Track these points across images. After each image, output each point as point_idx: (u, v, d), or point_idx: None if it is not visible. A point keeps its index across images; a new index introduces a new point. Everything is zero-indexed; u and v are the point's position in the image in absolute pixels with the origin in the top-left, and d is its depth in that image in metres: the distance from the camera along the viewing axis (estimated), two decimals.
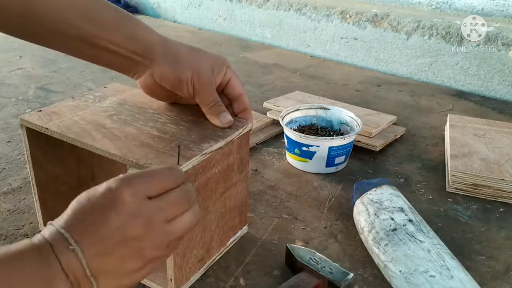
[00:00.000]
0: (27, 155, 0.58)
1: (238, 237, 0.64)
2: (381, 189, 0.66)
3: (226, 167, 0.55)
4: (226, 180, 0.56)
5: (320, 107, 0.92)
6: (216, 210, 0.56)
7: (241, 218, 0.63)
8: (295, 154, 0.83)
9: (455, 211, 0.73)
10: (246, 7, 1.82)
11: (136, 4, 2.31)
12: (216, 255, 0.60)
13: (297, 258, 0.55)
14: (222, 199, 0.57)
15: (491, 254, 0.63)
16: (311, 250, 0.58)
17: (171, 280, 0.53)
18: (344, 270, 0.54)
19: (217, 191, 0.55)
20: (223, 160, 0.54)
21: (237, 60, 1.52)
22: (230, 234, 0.62)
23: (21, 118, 0.56)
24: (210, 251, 0.58)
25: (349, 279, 0.53)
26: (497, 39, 1.25)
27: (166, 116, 0.58)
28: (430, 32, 1.36)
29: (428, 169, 0.86)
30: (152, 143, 0.51)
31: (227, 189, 0.57)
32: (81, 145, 0.51)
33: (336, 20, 1.56)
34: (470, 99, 1.26)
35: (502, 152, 0.83)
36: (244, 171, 0.60)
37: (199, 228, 0.54)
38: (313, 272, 0.53)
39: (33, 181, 0.59)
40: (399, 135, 0.97)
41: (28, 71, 1.31)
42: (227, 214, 0.59)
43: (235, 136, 0.55)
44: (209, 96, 0.55)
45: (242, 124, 0.56)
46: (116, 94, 0.64)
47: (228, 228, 0.60)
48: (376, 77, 1.42)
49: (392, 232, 0.58)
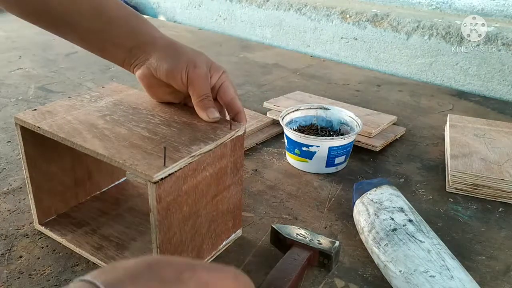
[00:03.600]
0: (22, 153, 0.58)
1: (231, 241, 0.63)
2: (381, 189, 0.66)
3: (218, 170, 0.54)
4: (219, 183, 0.56)
5: (320, 107, 0.92)
6: (207, 213, 0.55)
7: (234, 222, 0.62)
8: (295, 154, 0.83)
9: (455, 211, 0.73)
10: (246, 7, 1.82)
11: (136, 4, 2.31)
12: (207, 258, 0.59)
13: (286, 236, 0.58)
14: (214, 203, 0.56)
15: (491, 254, 0.63)
16: (294, 226, 0.61)
17: None
18: (331, 239, 0.58)
19: (209, 194, 0.54)
20: (215, 163, 0.53)
21: (237, 60, 1.52)
22: (223, 237, 0.61)
23: (15, 117, 0.56)
24: (201, 254, 0.57)
25: (337, 247, 0.57)
26: (497, 39, 1.25)
27: (159, 117, 0.58)
28: (430, 32, 1.36)
29: (428, 169, 0.86)
30: (141, 144, 0.51)
31: (219, 192, 0.56)
32: (71, 145, 0.52)
33: (336, 20, 1.56)
34: (470, 99, 1.26)
35: (502, 152, 0.83)
36: (238, 174, 0.59)
37: (190, 232, 0.53)
38: (303, 246, 0.57)
39: (28, 179, 0.60)
40: (399, 135, 0.97)
41: (28, 71, 1.31)
42: (219, 218, 0.58)
43: (227, 139, 0.54)
44: (201, 88, 0.56)
45: (235, 127, 0.55)
46: (112, 94, 0.64)
47: (220, 231, 0.60)
48: (376, 77, 1.41)
49: (392, 232, 0.58)
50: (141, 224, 0.65)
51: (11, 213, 0.68)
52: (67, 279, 0.55)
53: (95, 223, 0.64)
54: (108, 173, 0.72)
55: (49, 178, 0.62)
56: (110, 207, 0.68)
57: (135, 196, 0.71)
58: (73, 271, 0.57)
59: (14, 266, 0.57)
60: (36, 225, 0.64)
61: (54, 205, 0.65)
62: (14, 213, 0.68)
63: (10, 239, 0.62)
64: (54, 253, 0.60)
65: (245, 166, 0.84)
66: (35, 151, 0.59)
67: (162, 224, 0.48)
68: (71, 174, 0.65)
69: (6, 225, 0.65)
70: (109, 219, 0.65)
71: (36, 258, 0.59)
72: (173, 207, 0.49)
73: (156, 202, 0.46)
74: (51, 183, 0.63)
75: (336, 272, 0.59)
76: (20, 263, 0.58)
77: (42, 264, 0.58)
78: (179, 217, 0.50)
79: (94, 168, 0.69)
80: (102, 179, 0.71)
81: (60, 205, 0.66)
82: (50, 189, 0.63)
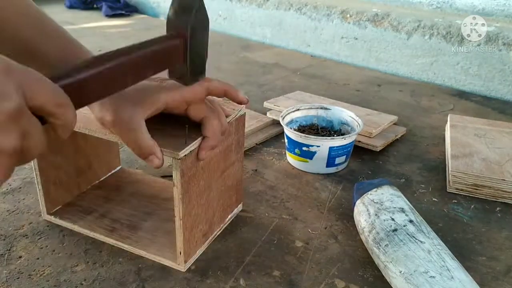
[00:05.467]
0: None
1: (234, 214, 0.68)
2: (381, 190, 0.66)
3: (226, 147, 0.60)
4: (226, 159, 0.61)
5: (321, 107, 0.92)
6: (217, 188, 0.61)
7: (237, 197, 0.68)
8: (296, 154, 0.83)
9: (455, 212, 0.73)
10: (246, 7, 1.82)
11: (136, 4, 2.31)
12: (216, 230, 0.64)
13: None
14: (222, 178, 0.61)
15: (491, 255, 0.63)
16: None
17: (180, 253, 0.56)
18: None
19: (218, 169, 0.60)
20: (223, 140, 0.58)
21: (237, 60, 1.51)
22: (228, 211, 0.67)
23: None
24: (212, 226, 0.62)
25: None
26: (498, 39, 1.25)
27: None
28: (431, 31, 1.36)
29: (429, 169, 0.86)
30: (158, 127, 0.53)
31: (226, 168, 0.62)
32: (89, 133, 0.54)
33: (337, 20, 1.56)
34: (471, 99, 1.26)
35: (503, 152, 0.83)
36: (240, 152, 0.65)
37: (204, 204, 0.58)
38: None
39: (37, 171, 0.62)
40: (399, 135, 0.97)
41: None
42: (226, 192, 0.64)
43: (232, 118, 0.59)
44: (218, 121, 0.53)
45: (237, 107, 0.60)
46: None
47: (226, 205, 0.65)
48: (377, 77, 1.41)
49: (392, 232, 0.58)
50: (147, 206, 0.68)
51: (11, 213, 0.68)
52: (67, 279, 0.55)
53: (102, 209, 0.68)
54: (105, 162, 0.75)
55: (55, 168, 0.65)
56: (112, 194, 0.71)
57: (134, 182, 0.74)
58: (73, 271, 0.57)
59: (13, 266, 0.57)
60: (45, 216, 0.66)
61: (60, 195, 0.68)
62: (13, 213, 0.68)
63: (10, 239, 0.62)
64: (54, 253, 0.60)
65: (245, 166, 0.84)
66: None
67: (185, 197, 0.53)
68: (73, 164, 0.68)
69: (6, 225, 0.65)
70: (115, 205, 0.68)
71: (35, 259, 0.59)
72: (192, 181, 0.54)
73: (180, 176, 0.50)
74: (57, 173, 0.66)
75: (336, 273, 0.58)
76: (19, 263, 0.58)
77: (42, 264, 0.58)
78: (197, 191, 0.55)
79: (93, 157, 0.71)
80: (100, 169, 0.74)
81: (65, 195, 0.68)
82: (56, 179, 0.66)
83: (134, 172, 0.78)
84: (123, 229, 0.63)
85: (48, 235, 0.63)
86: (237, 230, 0.66)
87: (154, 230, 0.63)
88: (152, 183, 0.74)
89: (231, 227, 0.66)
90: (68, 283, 0.55)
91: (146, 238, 0.62)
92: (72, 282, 0.55)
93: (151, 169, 0.81)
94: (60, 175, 0.66)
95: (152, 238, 0.62)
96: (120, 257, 0.59)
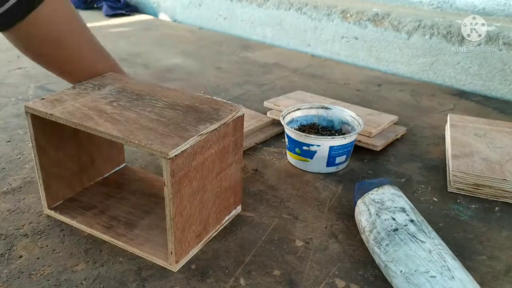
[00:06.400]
0: (32, 140, 0.61)
1: (232, 216, 0.68)
2: (382, 189, 0.66)
3: (222, 148, 0.59)
4: (222, 161, 0.60)
5: (321, 107, 0.92)
6: (212, 189, 0.60)
7: (235, 198, 0.67)
8: (296, 153, 0.82)
9: (456, 211, 0.73)
10: (246, 7, 1.81)
11: (136, 4, 2.31)
12: (212, 232, 0.63)
13: None
14: (218, 179, 0.61)
15: (492, 254, 0.63)
16: None
17: (171, 253, 0.56)
18: None
19: (214, 171, 0.59)
20: (219, 141, 0.58)
21: (238, 60, 1.51)
22: (225, 212, 0.66)
23: (26, 106, 0.59)
24: (207, 228, 0.62)
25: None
26: (498, 39, 1.24)
27: (162, 102, 0.61)
28: (431, 31, 1.36)
29: (429, 169, 0.86)
30: (152, 125, 0.55)
31: (222, 170, 0.61)
32: (85, 129, 0.54)
33: (337, 20, 1.55)
34: (471, 98, 1.26)
35: (503, 152, 0.83)
36: (238, 153, 0.64)
37: (198, 205, 0.58)
38: None
39: (38, 165, 0.62)
40: (400, 135, 0.97)
41: (27, 71, 1.31)
42: (222, 194, 0.63)
43: (229, 119, 0.58)
44: None
45: (235, 108, 0.60)
46: (114, 82, 0.67)
47: (223, 207, 0.64)
48: (377, 77, 1.41)
49: (393, 232, 0.58)
50: (146, 204, 0.69)
51: (11, 213, 0.68)
52: (67, 279, 0.55)
53: (102, 205, 0.68)
54: (109, 159, 0.76)
55: (57, 164, 0.65)
56: (114, 191, 0.72)
57: (136, 180, 0.75)
58: (73, 271, 0.57)
59: (14, 266, 0.57)
60: (46, 210, 0.67)
61: (61, 190, 0.68)
62: (14, 213, 0.68)
63: (10, 239, 0.62)
64: (54, 253, 0.60)
65: (245, 166, 0.84)
66: (44, 139, 0.62)
67: (175, 197, 0.52)
68: (76, 160, 0.68)
69: (6, 225, 0.65)
70: (115, 202, 0.69)
71: (36, 258, 0.59)
72: (184, 182, 0.53)
73: (170, 176, 0.50)
74: (58, 169, 0.66)
75: (336, 272, 0.58)
76: (20, 263, 0.58)
77: (42, 264, 0.58)
78: (189, 192, 0.55)
79: (96, 154, 0.72)
80: (103, 165, 0.75)
81: (67, 190, 0.69)
82: (58, 174, 0.66)
83: (138, 170, 0.79)
84: (120, 226, 0.64)
85: (49, 234, 0.63)
86: (237, 229, 0.66)
87: (150, 229, 0.64)
88: (154, 182, 0.74)
89: (231, 226, 0.66)
90: (68, 283, 0.55)
91: (141, 236, 0.62)
92: (73, 282, 0.55)
93: (154, 168, 0.81)
94: (61, 170, 0.66)
95: (147, 236, 0.62)
96: (120, 257, 0.59)
